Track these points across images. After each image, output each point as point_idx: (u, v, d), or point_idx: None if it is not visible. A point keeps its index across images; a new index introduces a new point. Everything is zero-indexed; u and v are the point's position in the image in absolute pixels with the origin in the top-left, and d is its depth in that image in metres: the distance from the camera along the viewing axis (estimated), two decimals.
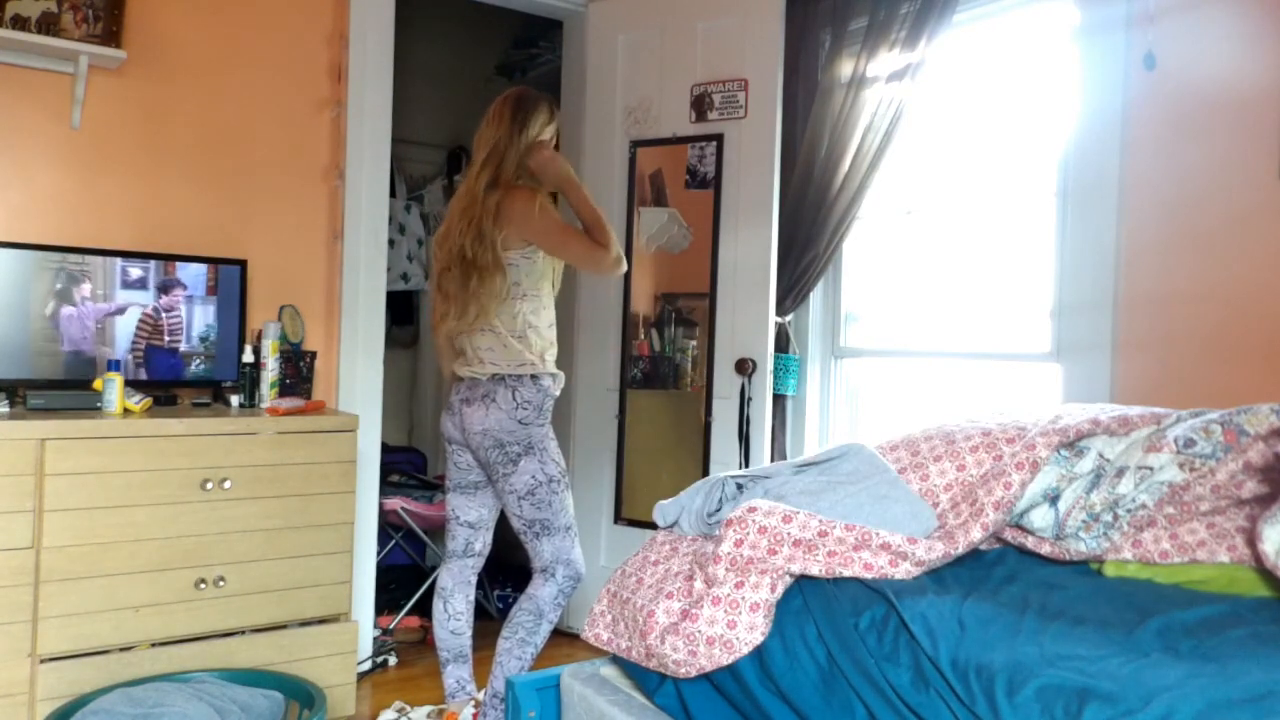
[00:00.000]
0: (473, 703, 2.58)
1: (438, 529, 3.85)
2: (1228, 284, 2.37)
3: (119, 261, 2.72)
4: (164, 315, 2.78)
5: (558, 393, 2.53)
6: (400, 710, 2.78)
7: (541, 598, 2.49)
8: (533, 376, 2.45)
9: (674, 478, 3.31)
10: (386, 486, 3.84)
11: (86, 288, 2.67)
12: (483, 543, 2.66)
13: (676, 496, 1.90)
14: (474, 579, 2.68)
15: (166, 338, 2.79)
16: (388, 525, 3.72)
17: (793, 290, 3.32)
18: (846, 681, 1.40)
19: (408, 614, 3.60)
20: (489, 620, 3.63)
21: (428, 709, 2.75)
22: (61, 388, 2.62)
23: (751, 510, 1.61)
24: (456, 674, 2.62)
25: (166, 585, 2.49)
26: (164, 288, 2.78)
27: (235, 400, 2.85)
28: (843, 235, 3.22)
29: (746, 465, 3.19)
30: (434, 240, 2.63)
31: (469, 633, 2.66)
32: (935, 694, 1.30)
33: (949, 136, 3.17)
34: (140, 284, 2.75)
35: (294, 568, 2.67)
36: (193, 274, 2.83)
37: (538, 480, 2.46)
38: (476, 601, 3.04)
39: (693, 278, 3.36)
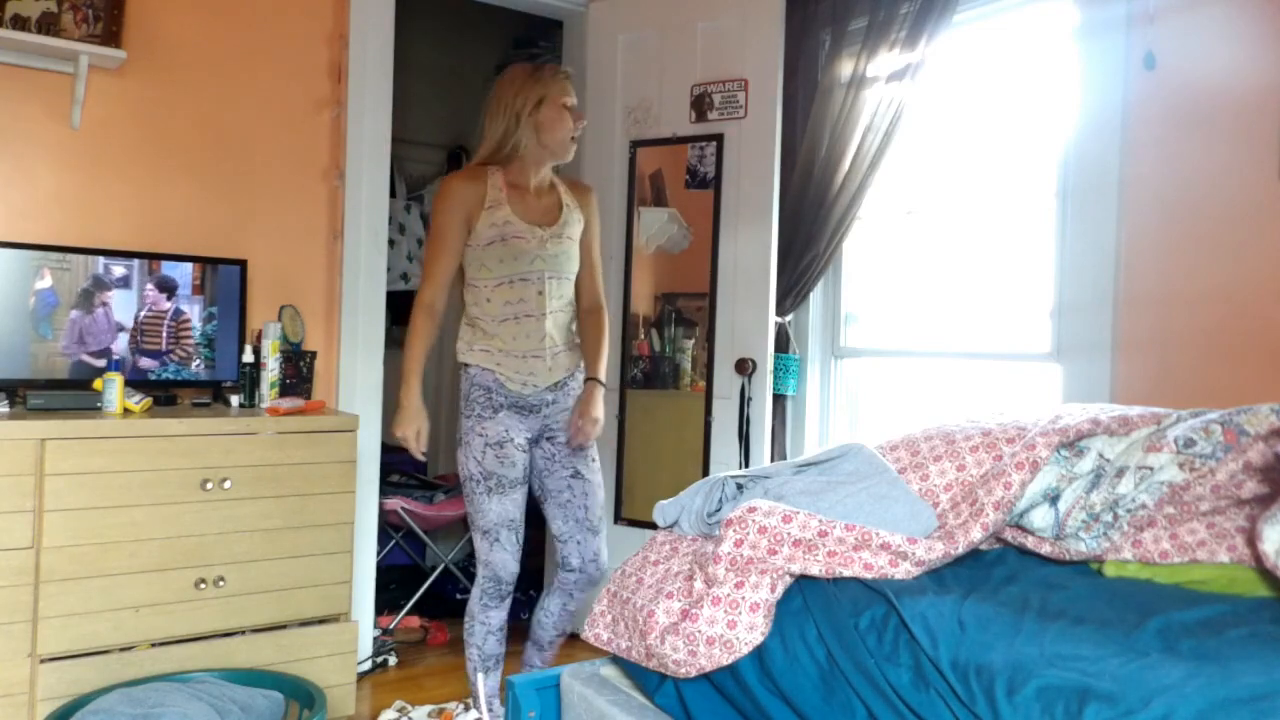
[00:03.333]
0: (462, 705, 2.57)
1: (438, 529, 3.85)
2: (1228, 284, 2.37)
3: (118, 261, 2.72)
4: (165, 315, 2.78)
5: (493, 384, 2.44)
6: (400, 710, 2.78)
7: (471, 596, 2.50)
8: (464, 365, 2.49)
9: (674, 478, 3.31)
10: (386, 486, 3.84)
11: (87, 288, 2.67)
12: (563, 554, 2.57)
13: (676, 496, 1.89)
14: (572, 591, 2.59)
15: (166, 338, 2.79)
16: (388, 525, 3.72)
17: (793, 290, 3.32)
18: (846, 681, 1.40)
19: (408, 614, 3.60)
20: None
21: (428, 709, 2.75)
22: (61, 388, 2.62)
23: (751, 510, 1.61)
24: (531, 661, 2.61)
25: (166, 585, 2.49)
26: (163, 287, 2.78)
27: (235, 400, 2.85)
28: (843, 235, 3.22)
29: (746, 465, 3.19)
30: None
31: (550, 624, 2.61)
32: (935, 694, 1.30)
33: (949, 136, 3.17)
34: (140, 284, 2.75)
35: (294, 568, 2.67)
36: (190, 274, 2.83)
37: (464, 474, 2.46)
38: None
39: (693, 278, 3.36)
